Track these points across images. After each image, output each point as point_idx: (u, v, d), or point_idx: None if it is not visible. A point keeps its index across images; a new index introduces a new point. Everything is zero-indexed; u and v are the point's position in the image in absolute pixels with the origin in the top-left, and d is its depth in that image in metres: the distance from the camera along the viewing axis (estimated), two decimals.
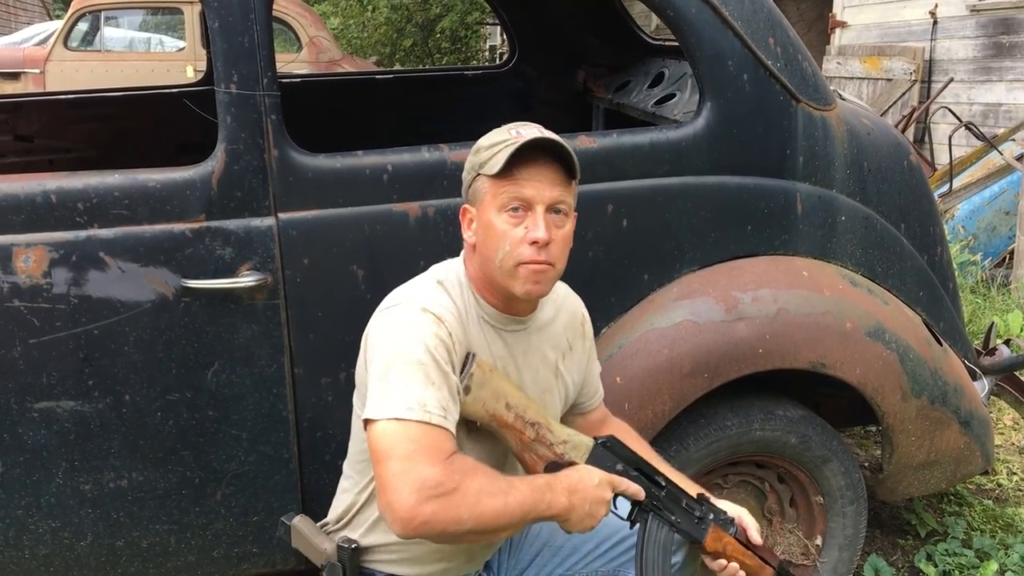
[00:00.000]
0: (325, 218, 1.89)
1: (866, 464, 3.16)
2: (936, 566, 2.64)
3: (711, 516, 1.71)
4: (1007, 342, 2.79)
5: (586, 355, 1.83)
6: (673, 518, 1.68)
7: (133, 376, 1.85)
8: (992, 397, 2.81)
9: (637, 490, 1.63)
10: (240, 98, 1.81)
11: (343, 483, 1.75)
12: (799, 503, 2.38)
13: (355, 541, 1.67)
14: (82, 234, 1.78)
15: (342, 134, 3.11)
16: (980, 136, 5.93)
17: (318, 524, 1.76)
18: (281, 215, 1.86)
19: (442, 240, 1.95)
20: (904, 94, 7.35)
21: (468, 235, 1.61)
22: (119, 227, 1.80)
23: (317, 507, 2.03)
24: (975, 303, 4.63)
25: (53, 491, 1.88)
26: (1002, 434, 3.52)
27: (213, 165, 1.82)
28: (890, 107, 7.34)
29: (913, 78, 7.32)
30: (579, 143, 2.04)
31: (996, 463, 3.26)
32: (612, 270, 2.11)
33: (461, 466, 1.43)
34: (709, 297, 2.12)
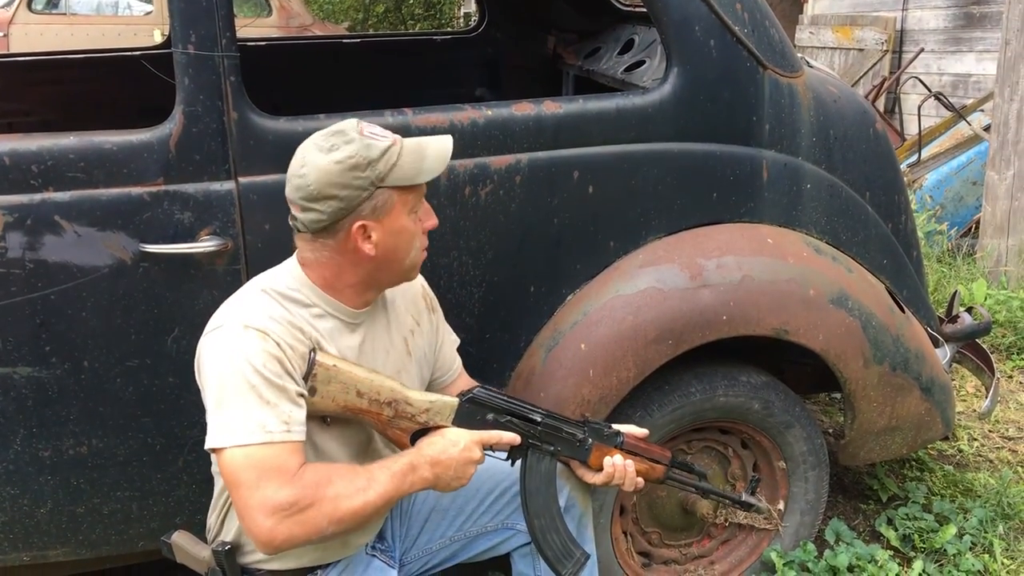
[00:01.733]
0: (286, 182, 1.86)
1: (829, 430, 3.21)
2: (896, 530, 2.68)
3: (592, 439, 1.77)
4: (969, 310, 2.81)
5: (434, 327, 1.85)
6: (552, 448, 1.74)
7: (91, 342, 1.83)
8: (955, 364, 2.85)
9: (510, 439, 1.69)
10: (198, 59, 1.77)
11: (216, 486, 1.72)
12: (762, 468, 2.40)
13: (228, 543, 1.65)
14: (36, 197, 1.75)
15: (309, 99, 3.06)
16: (949, 106, 5.96)
17: (208, 527, 1.75)
18: (241, 179, 1.84)
19: None
20: (875, 64, 7.37)
21: (368, 248, 1.56)
22: (75, 190, 1.77)
23: None
24: (941, 272, 4.68)
25: (11, 458, 1.86)
26: (964, 401, 3.58)
27: (171, 127, 1.79)
28: (861, 77, 7.36)
29: (884, 48, 7.34)
30: (545, 108, 2.02)
31: (957, 429, 3.31)
32: (578, 237, 2.10)
33: (313, 478, 1.46)
34: (674, 264, 2.12)
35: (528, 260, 2.07)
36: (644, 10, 2.77)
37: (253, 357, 1.48)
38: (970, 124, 5.63)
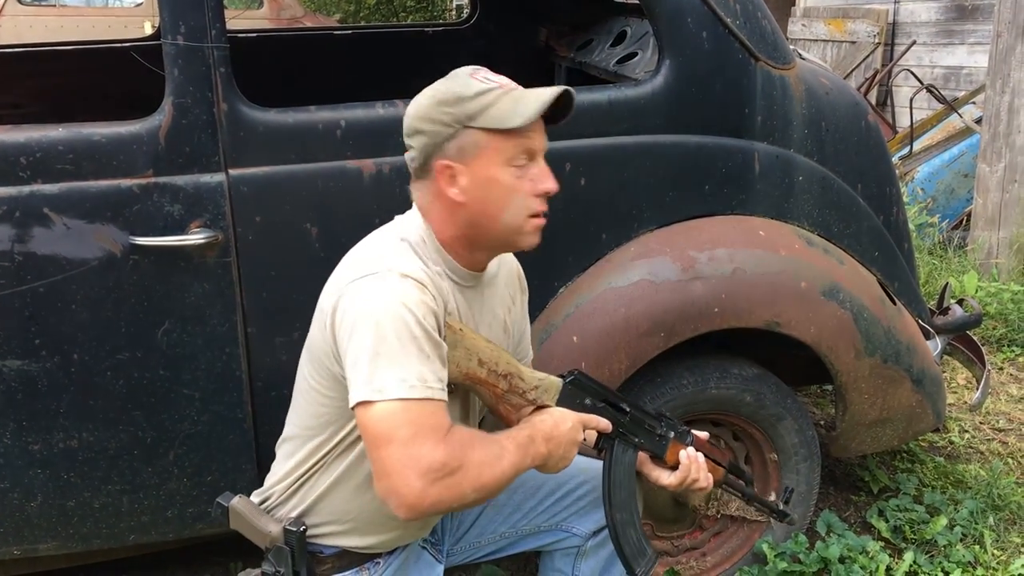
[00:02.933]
0: (277, 174, 1.86)
1: (821, 422, 3.21)
2: (887, 521, 2.69)
3: (671, 433, 1.74)
4: (960, 302, 2.82)
5: (524, 310, 1.82)
6: (637, 439, 1.71)
7: (81, 335, 1.82)
8: (945, 356, 2.85)
9: (606, 425, 1.65)
10: (188, 50, 1.76)
11: (285, 449, 1.66)
12: (754, 460, 2.41)
13: (303, 523, 1.60)
14: (25, 189, 1.74)
15: (300, 91, 3.05)
16: (941, 99, 5.97)
17: (256, 498, 1.68)
18: (232, 171, 1.83)
19: (397, 197, 1.92)
20: (868, 57, 7.37)
21: (454, 193, 1.50)
22: (64, 182, 1.76)
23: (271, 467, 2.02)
24: (932, 264, 4.69)
25: (1, 452, 1.85)
26: (955, 393, 3.59)
27: (161, 119, 1.78)
28: (854, 69, 7.36)
29: (877, 41, 7.34)
30: None
31: (948, 421, 3.32)
32: (570, 229, 2.10)
33: (460, 440, 1.39)
34: (666, 256, 2.12)
35: (520, 252, 2.07)
36: (636, 2, 2.77)
37: (415, 307, 1.40)
38: (962, 117, 5.64)
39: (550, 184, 1.54)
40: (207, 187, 1.82)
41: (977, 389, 2.73)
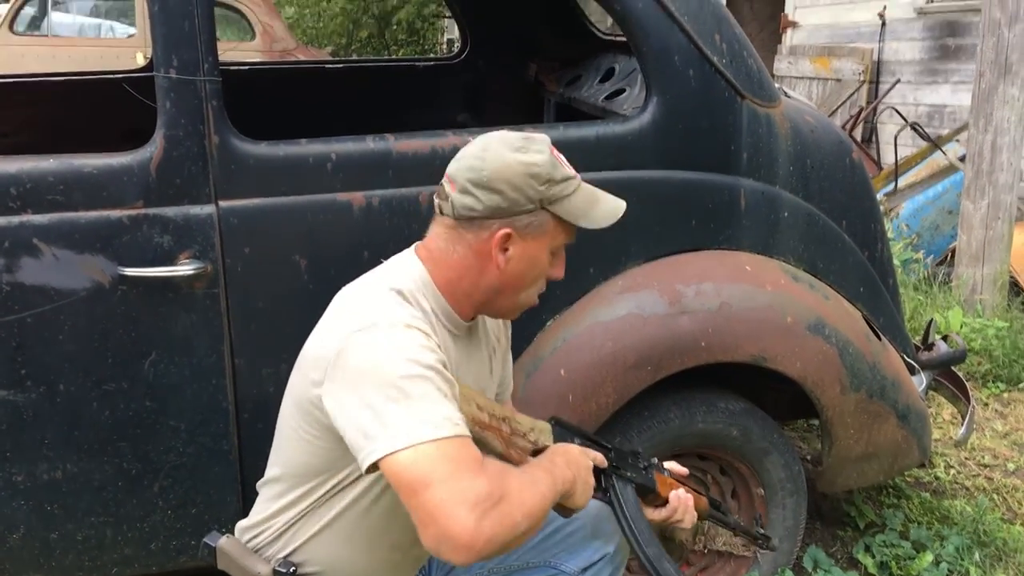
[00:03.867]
0: (267, 207, 1.87)
1: (807, 457, 3.21)
2: (874, 557, 2.69)
3: (651, 465, 1.74)
4: (945, 338, 2.84)
5: (508, 345, 1.82)
6: (629, 475, 1.70)
7: (68, 365, 1.82)
8: (931, 392, 2.87)
9: (602, 457, 1.63)
10: (180, 83, 1.78)
11: (272, 490, 1.62)
12: (740, 495, 2.41)
13: (294, 564, 1.57)
14: (15, 220, 1.74)
15: (291, 124, 3.07)
16: (925, 136, 6.05)
17: (243, 537, 1.65)
18: (221, 203, 1.84)
19: (386, 230, 1.94)
20: (853, 94, 7.47)
21: (500, 259, 1.50)
22: (54, 213, 1.76)
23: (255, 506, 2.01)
24: (917, 300, 4.72)
25: None
26: (940, 428, 3.60)
27: (152, 151, 1.79)
28: (839, 107, 7.45)
29: (862, 79, 7.44)
30: None
31: (934, 456, 3.33)
32: None
33: (495, 470, 1.34)
34: (653, 291, 2.14)
35: None
36: (624, 39, 2.81)
37: (426, 352, 1.38)
38: (945, 154, 5.71)
39: (562, 272, 1.60)
40: (197, 219, 1.82)
41: (962, 425, 2.74)
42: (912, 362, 2.65)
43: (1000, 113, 4.62)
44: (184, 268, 1.82)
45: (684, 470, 1.82)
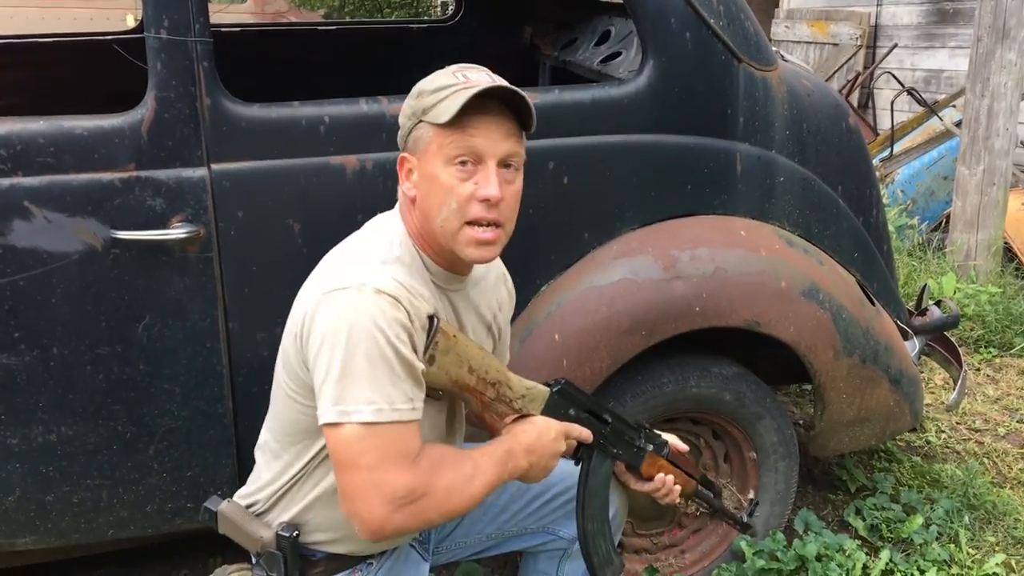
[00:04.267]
0: (260, 170, 1.86)
1: (800, 421, 3.23)
2: (864, 520, 2.71)
3: (649, 445, 1.76)
4: (938, 303, 2.85)
5: (509, 314, 1.81)
6: (615, 451, 1.72)
7: (61, 329, 1.81)
8: (923, 357, 2.88)
9: (587, 435, 1.65)
10: (171, 44, 1.76)
11: (266, 455, 1.63)
12: (733, 459, 2.42)
13: (296, 527, 1.57)
14: (5, 182, 1.72)
15: (283, 86, 3.05)
16: (921, 102, 6.02)
17: (242, 502, 1.65)
18: (214, 166, 1.82)
19: (380, 194, 1.92)
20: (850, 59, 7.42)
21: (407, 187, 1.49)
22: (45, 175, 1.74)
23: (253, 461, 2.02)
24: (912, 266, 4.73)
25: None
26: (932, 393, 3.62)
27: (143, 113, 1.78)
28: (836, 72, 7.40)
29: (859, 43, 7.38)
30: None
31: (925, 421, 3.35)
32: (552, 228, 2.10)
33: (428, 464, 1.38)
34: (648, 255, 2.13)
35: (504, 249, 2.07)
36: (620, 1, 2.78)
37: (386, 326, 1.36)
38: (942, 120, 5.69)
39: (488, 190, 1.43)
40: (189, 182, 1.81)
41: (954, 390, 2.76)
42: (905, 327, 2.66)
43: (997, 78, 4.60)
44: (177, 231, 1.80)
45: (684, 447, 1.84)
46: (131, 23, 8.26)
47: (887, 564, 2.50)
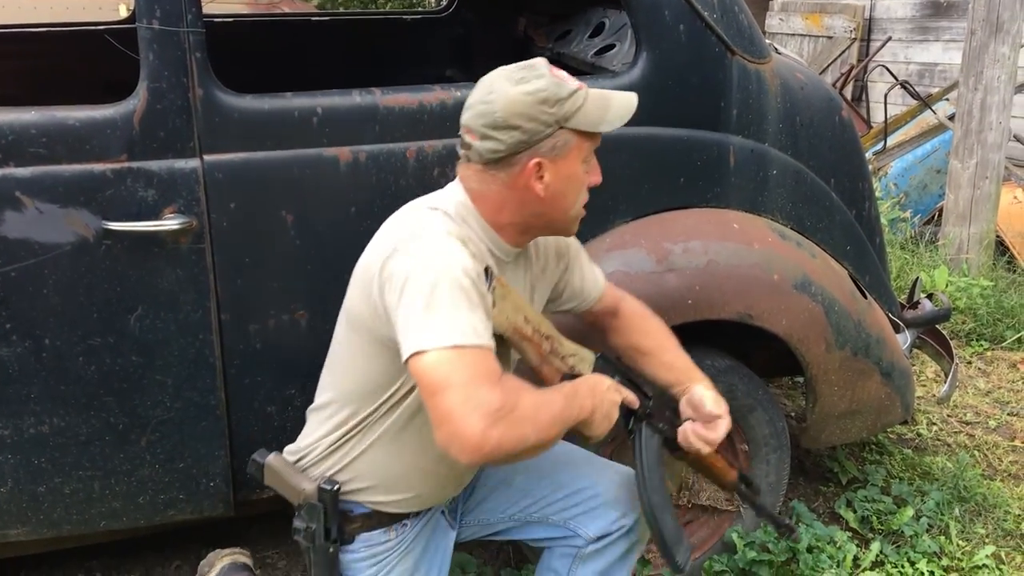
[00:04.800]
0: (252, 161, 1.85)
1: (791, 413, 3.24)
2: (855, 512, 2.72)
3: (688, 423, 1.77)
4: (930, 296, 2.86)
5: (558, 272, 1.81)
6: (660, 426, 1.73)
7: (53, 320, 1.81)
8: (915, 350, 2.89)
9: (634, 398, 1.67)
10: (163, 34, 1.75)
11: (320, 414, 1.68)
12: (724, 450, 2.43)
13: (337, 482, 1.64)
14: None
15: (276, 77, 3.04)
16: (915, 95, 6.03)
17: (290, 457, 1.71)
18: (206, 157, 1.82)
19: (373, 186, 1.92)
20: (844, 52, 7.43)
21: (539, 188, 1.54)
22: (37, 166, 1.74)
23: (245, 454, 2.01)
24: (904, 259, 4.74)
25: None
26: (924, 386, 3.64)
27: (135, 104, 1.77)
28: (830, 65, 7.41)
29: (853, 36, 7.39)
30: None
31: (917, 414, 3.37)
32: None
33: (512, 385, 1.42)
34: (641, 248, 2.13)
35: None
36: None
37: (463, 260, 1.44)
38: (935, 113, 5.69)
39: (599, 178, 1.63)
40: (181, 173, 1.81)
41: (945, 382, 2.77)
42: (897, 320, 2.67)
43: (990, 72, 4.60)
44: (169, 222, 1.80)
45: (719, 436, 1.77)
46: (124, 13, 8.20)
47: (877, 556, 2.51)
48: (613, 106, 1.57)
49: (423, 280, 1.42)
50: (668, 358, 1.81)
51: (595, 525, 1.82)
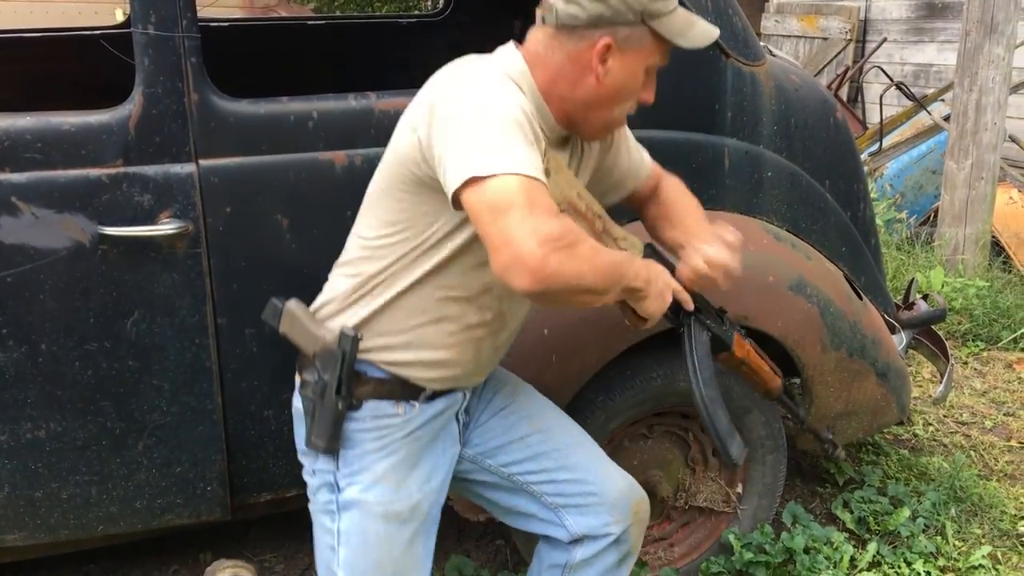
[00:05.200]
0: (248, 165, 1.85)
1: (787, 414, 3.25)
2: (852, 512, 2.73)
3: (733, 330, 1.76)
4: (925, 297, 2.87)
5: (603, 152, 1.76)
6: (710, 323, 1.70)
7: (49, 325, 1.81)
8: (911, 350, 2.90)
9: (688, 297, 1.64)
10: (158, 39, 1.75)
11: (344, 270, 1.63)
12: (721, 452, 2.43)
13: (358, 332, 1.57)
14: None
15: (272, 81, 3.04)
16: (910, 96, 6.04)
17: (311, 308, 1.65)
18: (202, 161, 1.82)
19: None
20: (839, 53, 7.44)
21: (600, 70, 1.49)
22: (32, 171, 1.74)
23: (243, 458, 2.02)
24: (900, 259, 4.75)
25: None
26: (920, 387, 3.64)
27: (130, 109, 1.77)
28: (825, 66, 7.42)
29: (848, 37, 7.41)
30: None
31: (913, 414, 3.38)
32: None
33: (570, 223, 1.38)
34: None
35: None
36: None
37: (519, 101, 1.42)
38: (930, 114, 5.71)
39: (652, 96, 1.59)
40: (177, 177, 1.81)
41: (941, 383, 2.77)
42: (893, 321, 2.68)
43: (985, 72, 4.61)
44: (165, 227, 1.80)
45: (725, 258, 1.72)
46: (120, 17, 8.21)
47: (874, 556, 2.52)
48: (698, 27, 1.53)
49: (481, 113, 1.38)
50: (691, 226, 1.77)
51: (583, 522, 1.79)
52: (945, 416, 3.45)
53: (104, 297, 1.82)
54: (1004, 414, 3.48)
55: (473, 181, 1.32)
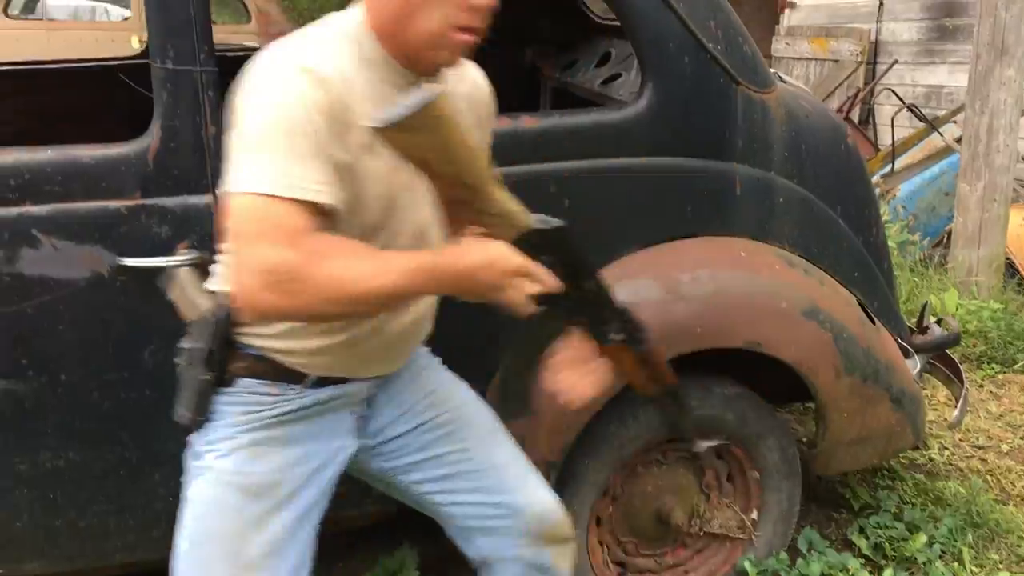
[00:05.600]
0: None
1: (803, 440, 3.23)
2: (868, 538, 2.71)
3: (620, 336, 1.59)
4: (939, 321, 2.86)
5: (473, 128, 1.65)
6: (576, 318, 1.55)
7: (69, 355, 1.83)
8: (925, 375, 2.89)
9: (552, 284, 1.44)
10: (176, 73, 1.78)
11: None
12: (736, 478, 2.43)
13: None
14: (14, 211, 1.75)
15: None
16: (922, 118, 6.04)
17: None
18: (219, 193, 1.85)
19: None
20: (850, 75, 7.46)
21: None
22: (52, 204, 1.77)
23: None
24: (913, 282, 4.74)
25: None
26: (935, 410, 3.62)
27: (149, 142, 1.80)
28: (836, 88, 7.44)
29: (859, 59, 7.42)
30: (523, 124, 2.05)
31: (928, 438, 3.36)
32: None
33: (317, 248, 1.29)
34: (649, 277, 2.15)
35: None
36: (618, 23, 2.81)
37: (304, 104, 1.31)
38: (942, 136, 5.71)
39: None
40: (195, 209, 1.83)
41: (956, 407, 2.76)
42: (907, 345, 2.67)
43: (997, 95, 4.62)
44: (183, 258, 1.82)
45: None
46: (136, 45, 8.32)
47: None
48: None
49: (256, 116, 1.32)
50: None
51: (489, 543, 1.75)
52: (961, 440, 3.43)
53: (122, 327, 1.85)
54: (1021, 438, 3.46)
55: (228, 195, 1.31)
